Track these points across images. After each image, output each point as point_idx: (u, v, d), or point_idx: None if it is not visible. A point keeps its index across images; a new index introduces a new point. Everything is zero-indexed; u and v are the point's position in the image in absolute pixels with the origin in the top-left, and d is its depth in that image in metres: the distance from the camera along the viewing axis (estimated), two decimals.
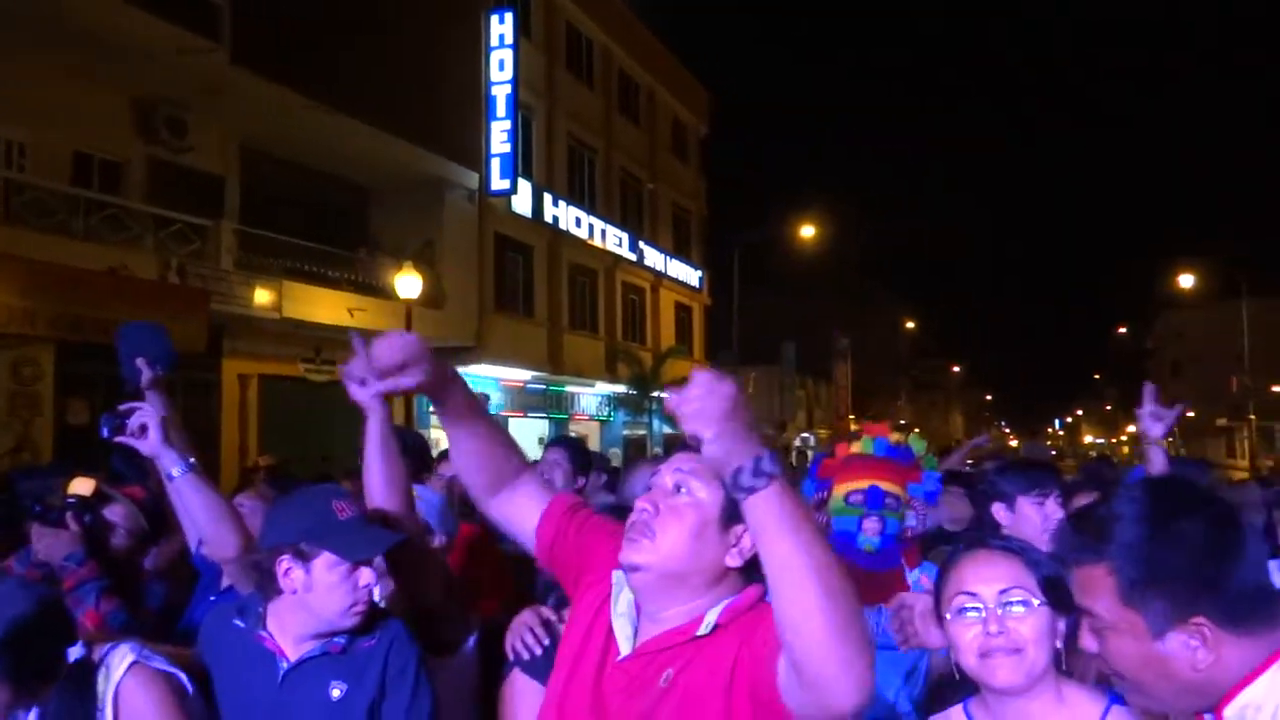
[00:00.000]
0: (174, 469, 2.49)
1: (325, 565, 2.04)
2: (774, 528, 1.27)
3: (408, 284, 15.07)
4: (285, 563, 2.06)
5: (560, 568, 1.83)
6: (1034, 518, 2.97)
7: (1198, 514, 1.30)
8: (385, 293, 16.04)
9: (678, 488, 1.61)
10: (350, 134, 15.89)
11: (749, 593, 1.59)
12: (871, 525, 2.72)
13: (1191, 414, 58.71)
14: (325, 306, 15.23)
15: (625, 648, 1.61)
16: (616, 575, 1.67)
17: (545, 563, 1.86)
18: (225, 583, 2.85)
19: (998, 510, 3.09)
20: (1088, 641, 1.37)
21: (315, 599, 2.05)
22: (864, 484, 2.77)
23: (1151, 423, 3.06)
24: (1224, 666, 1.26)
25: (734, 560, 1.59)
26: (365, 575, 2.07)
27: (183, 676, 2.02)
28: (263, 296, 14.01)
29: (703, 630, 1.54)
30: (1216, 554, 1.26)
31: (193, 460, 2.54)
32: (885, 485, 2.75)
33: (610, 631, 1.64)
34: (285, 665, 2.04)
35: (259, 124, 14.75)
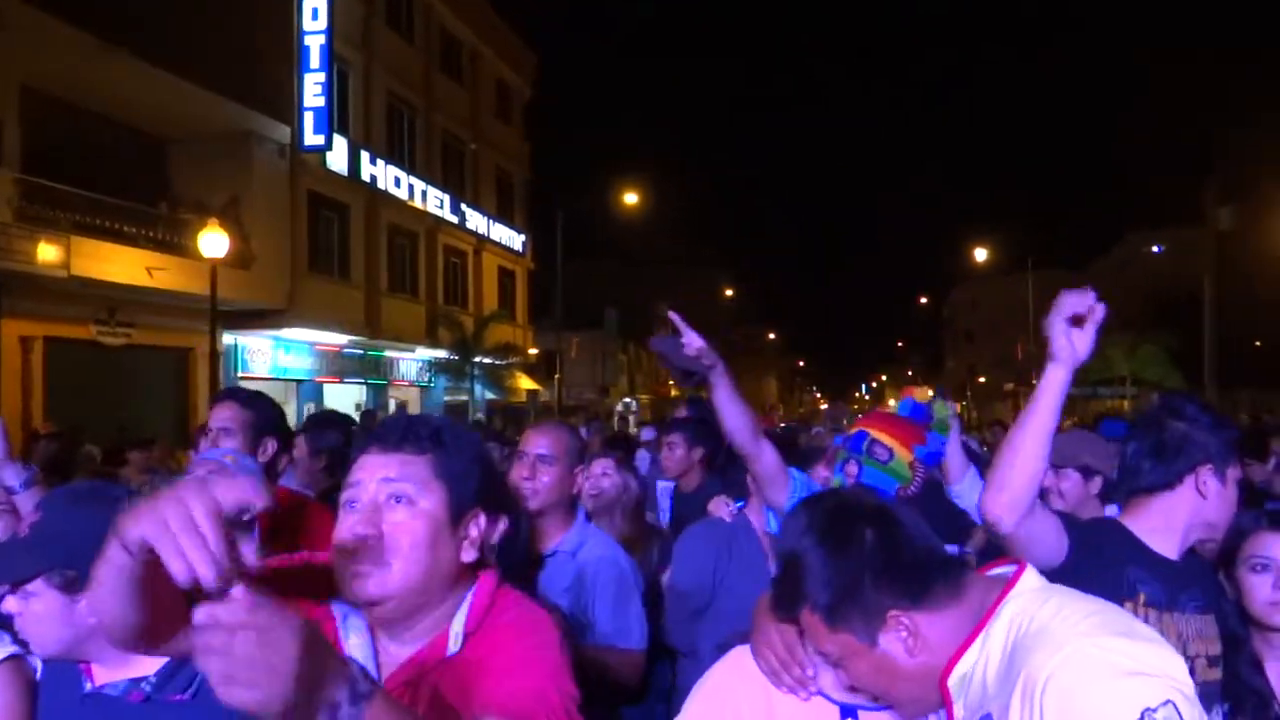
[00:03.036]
0: None
1: None
2: None
3: (213, 242, 14.22)
4: None
5: None
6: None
7: (850, 523, 1.41)
8: (188, 251, 15.12)
9: (395, 499, 1.42)
10: (148, 80, 14.86)
11: (484, 582, 1.51)
12: (850, 468, 2.71)
13: (983, 379, 63.23)
14: (120, 265, 14.29)
15: None
16: (338, 609, 1.46)
17: None
18: None
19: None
20: (831, 683, 1.49)
21: None
22: (854, 430, 2.79)
23: (1065, 336, 1.83)
24: (934, 645, 1.37)
25: (469, 555, 1.48)
26: (7, 603, 1.73)
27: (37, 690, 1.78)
28: (48, 253, 12.98)
29: (453, 647, 1.42)
30: (877, 549, 1.38)
31: None
32: (875, 433, 2.69)
33: None
34: (88, 687, 1.76)
35: (44, 65, 13.56)
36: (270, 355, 19.24)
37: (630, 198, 27.35)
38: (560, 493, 2.89)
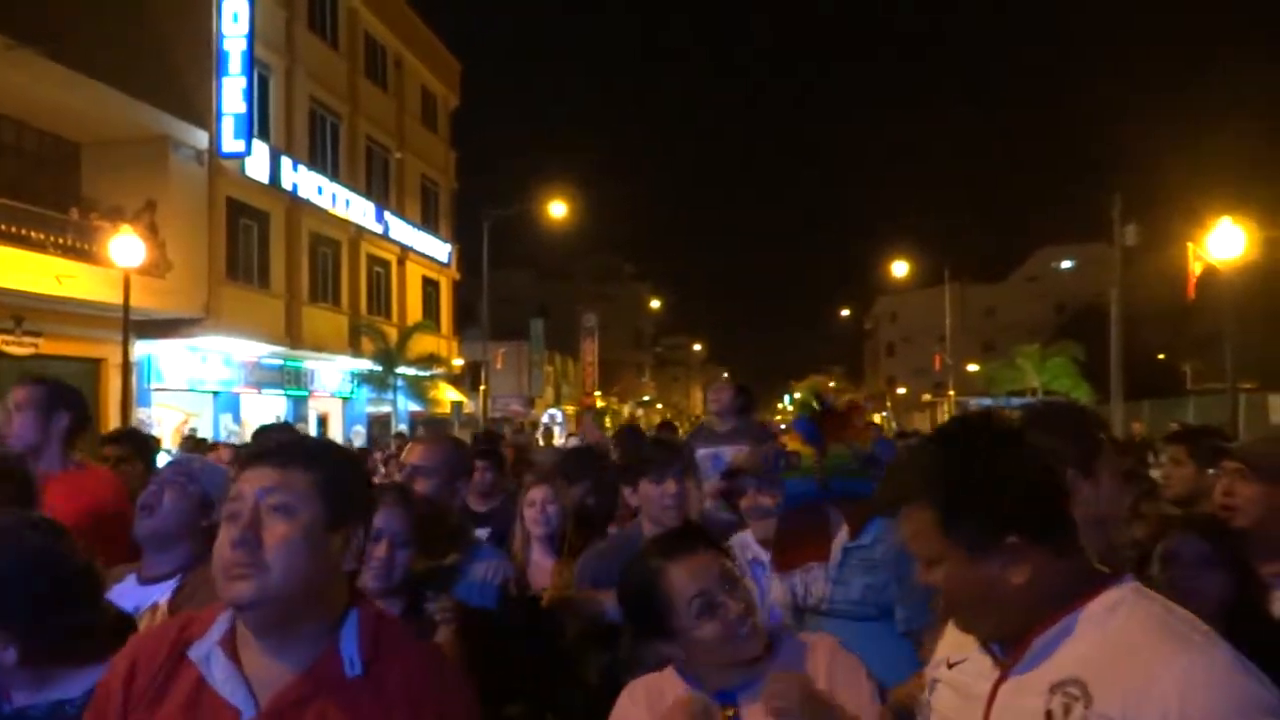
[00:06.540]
0: None
1: None
2: None
3: (126, 249, 13.84)
4: None
5: None
6: (651, 495, 3.21)
7: (1003, 442, 1.42)
8: (100, 258, 14.70)
9: (274, 509, 1.48)
10: (59, 82, 14.44)
11: (367, 606, 1.58)
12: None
13: (902, 390, 64.53)
14: (27, 272, 13.84)
15: (249, 709, 1.45)
16: (195, 651, 1.51)
17: None
18: None
19: (626, 492, 3.37)
20: (924, 576, 1.45)
21: None
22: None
23: None
24: (1032, 588, 1.37)
25: (348, 564, 1.55)
26: None
27: None
28: None
29: (350, 670, 1.48)
30: (1019, 472, 1.39)
31: None
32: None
33: (222, 706, 1.46)
34: (7, 708, 1.74)
35: None
36: (185, 365, 18.77)
37: (557, 208, 27.34)
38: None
